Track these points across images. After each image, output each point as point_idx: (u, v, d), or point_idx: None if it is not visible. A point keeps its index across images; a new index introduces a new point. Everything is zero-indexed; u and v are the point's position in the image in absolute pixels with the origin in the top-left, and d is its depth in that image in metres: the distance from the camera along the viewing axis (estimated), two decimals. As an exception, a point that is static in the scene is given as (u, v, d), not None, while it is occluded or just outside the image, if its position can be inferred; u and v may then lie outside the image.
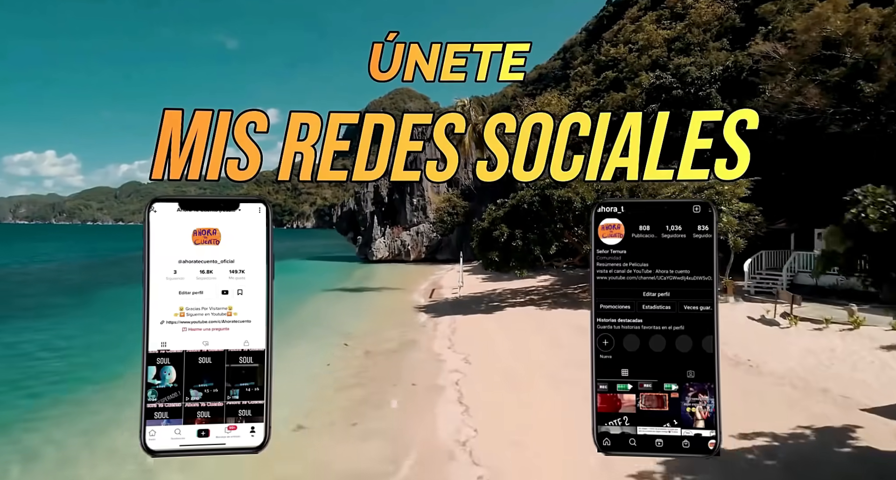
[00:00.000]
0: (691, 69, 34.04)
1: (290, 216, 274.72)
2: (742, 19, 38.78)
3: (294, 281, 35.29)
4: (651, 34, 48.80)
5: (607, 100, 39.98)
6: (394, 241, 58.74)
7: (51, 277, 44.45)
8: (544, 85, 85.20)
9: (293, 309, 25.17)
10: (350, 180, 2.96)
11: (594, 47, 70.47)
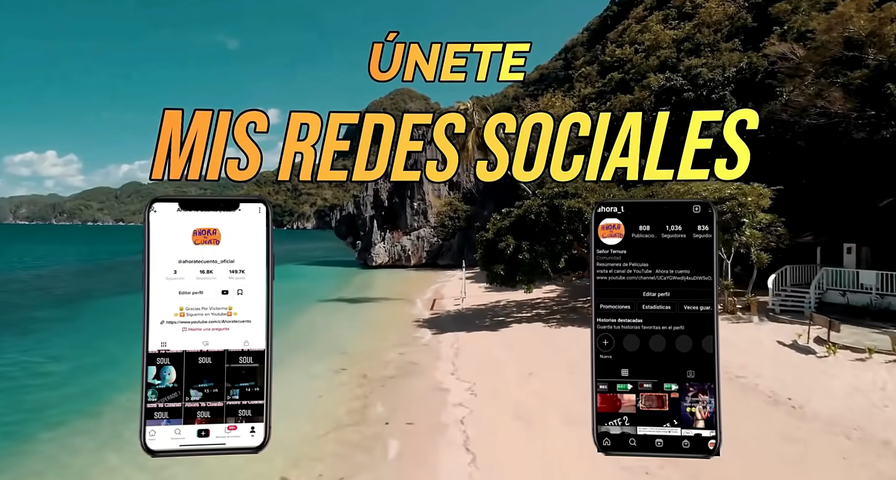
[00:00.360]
0: (703, 71, 32.74)
1: (291, 217, 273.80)
2: (754, 19, 37.47)
3: (291, 290, 34.03)
4: (658, 34, 47.50)
5: (614, 102, 38.67)
6: (394, 246, 57.46)
7: (42, 285, 43.22)
8: (546, 85, 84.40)
9: (288, 323, 23.94)
10: (350, 180, 2.99)
11: (598, 48, 69.18)
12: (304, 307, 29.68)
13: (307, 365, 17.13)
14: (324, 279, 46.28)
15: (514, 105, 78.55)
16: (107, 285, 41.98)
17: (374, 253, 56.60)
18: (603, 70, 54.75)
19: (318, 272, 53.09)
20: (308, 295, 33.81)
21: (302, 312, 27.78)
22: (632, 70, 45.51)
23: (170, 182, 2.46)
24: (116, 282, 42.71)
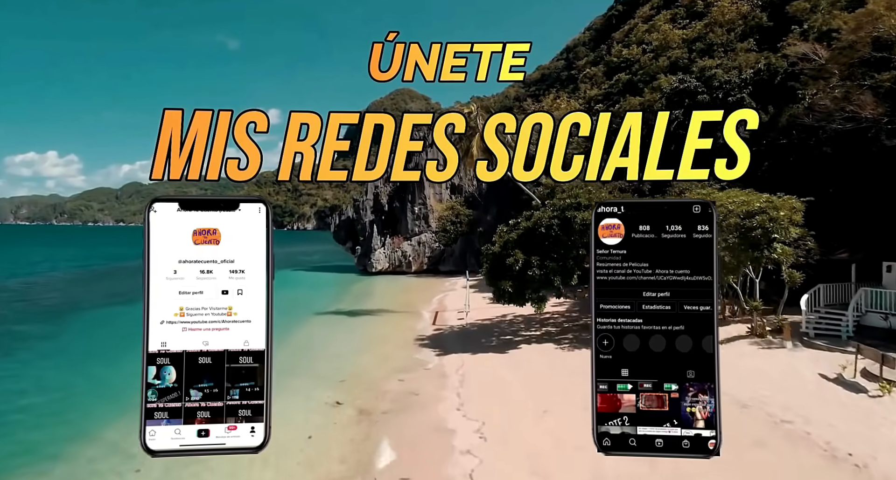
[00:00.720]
0: (718, 72, 31.22)
1: (291, 217, 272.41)
2: (769, 18, 35.93)
3: (288, 300, 32.52)
4: (667, 34, 45.98)
5: (623, 105, 37.17)
6: (394, 252, 55.93)
7: (30, 295, 41.78)
8: (548, 85, 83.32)
9: (284, 340, 22.49)
10: (350, 180, 3.04)
11: (603, 48, 67.67)
12: (302, 321, 28.27)
13: (302, 394, 15.71)
14: (322, 287, 44.81)
15: (515, 105, 77.33)
16: (96, 295, 40.51)
17: (374, 260, 55.13)
18: (609, 71, 53.26)
19: (317, 279, 51.64)
20: (305, 306, 32.40)
21: (299, 327, 26.36)
22: (640, 71, 44.01)
23: (170, 182, 2.46)
24: (107, 293, 41.26)
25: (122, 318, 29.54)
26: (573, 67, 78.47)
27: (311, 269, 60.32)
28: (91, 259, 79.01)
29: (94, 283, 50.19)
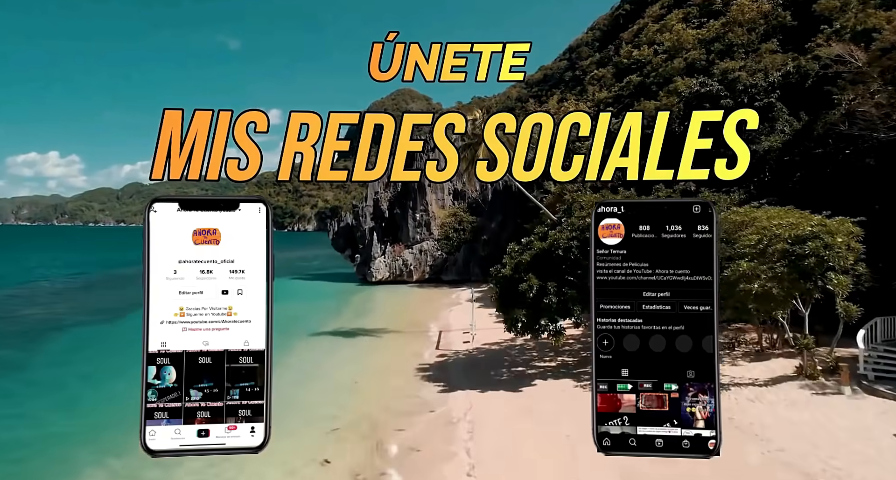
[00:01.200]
0: (742, 75, 29.11)
1: (291, 218, 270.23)
2: (794, 17, 33.81)
3: (284, 317, 30.13)
4: (680, 34, 43.89)
5: (637, 109, 35.09)
6: (395, 260, 53.86)
7: (11, 308, 39.77)
8: (550, 85, 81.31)
9: (275, 369, 20.43)
10: (350, 180, 3.10)
11: (610, 48, 65.53)
12: (296, 343, 26.23)
13: (287, 447, 13.63)
14: (320, 299, 42.73)
15: (517, 106, 75.24)
16: (81, 312, 38.45)
17: (374, 268, 53.08)
18: (619, 72, 51.20)
19: (315, 289, 49.54)
20: (302, 324, 30.32)
21: (293, 352, 24.27)
22: (653, 73, 41.94)
23: (170, 182, 2.51)
24: (93, 308, 39.23)
25: (99, 344, 27.61)
26: (576, 68, 76.49)
27: (310, 278, 58.27)
28: (87, 265, 76.89)
29: (83, 296, 48.19)
